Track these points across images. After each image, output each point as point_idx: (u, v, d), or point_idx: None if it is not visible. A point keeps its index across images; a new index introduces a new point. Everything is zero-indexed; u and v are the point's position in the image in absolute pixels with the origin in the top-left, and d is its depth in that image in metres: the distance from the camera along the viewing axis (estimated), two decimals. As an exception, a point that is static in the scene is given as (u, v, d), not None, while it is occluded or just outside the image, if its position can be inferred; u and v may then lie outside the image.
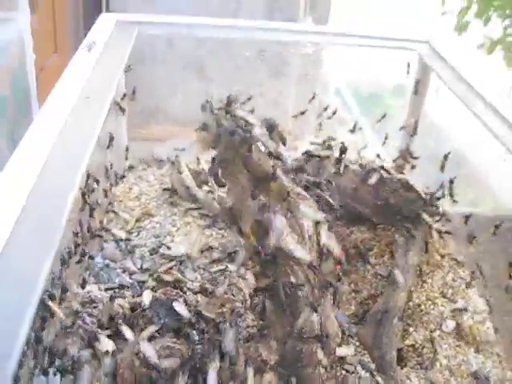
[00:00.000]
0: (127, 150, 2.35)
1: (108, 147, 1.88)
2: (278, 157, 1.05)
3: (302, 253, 1.13)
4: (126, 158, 2.35)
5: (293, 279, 1.15)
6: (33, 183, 1.27)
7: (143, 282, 1.66)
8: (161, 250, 1.82)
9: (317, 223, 1.17)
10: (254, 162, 1.05)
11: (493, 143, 1.81)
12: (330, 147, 1.74)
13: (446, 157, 1.99)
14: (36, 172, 1.30)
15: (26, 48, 1.96)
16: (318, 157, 1.64)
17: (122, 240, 1.88)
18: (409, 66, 2.21)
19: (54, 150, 1.37)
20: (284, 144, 1.09)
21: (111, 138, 1.87)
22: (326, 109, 2.36)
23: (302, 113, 2.23)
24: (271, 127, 1.15)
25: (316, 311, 1.12)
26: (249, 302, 1.39)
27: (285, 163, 1.07)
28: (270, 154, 1.06)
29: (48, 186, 1.30)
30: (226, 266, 1.60)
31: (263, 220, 1.08)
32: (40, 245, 1.19)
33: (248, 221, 1.14)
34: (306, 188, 1.12)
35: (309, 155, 1.66)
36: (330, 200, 1.10)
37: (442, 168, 2.00)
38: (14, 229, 1.16)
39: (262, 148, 1.04)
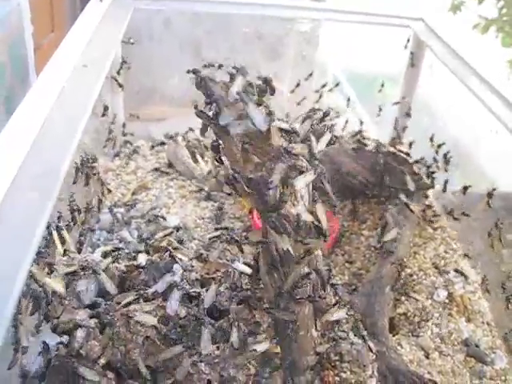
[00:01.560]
0: (124, 126, 2.36)
1: (103, 115, 1.88)
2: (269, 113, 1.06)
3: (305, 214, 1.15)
4: (124, 135, 2.36)
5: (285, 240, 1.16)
6: (29, 147, 1.29)
7: (139, 252, 1.68)
8: (156, 221, 1.84)
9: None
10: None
11: (487, 117, 1.83)
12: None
13: (439, 146, 2.02)
14: (32, 137, 1.31)
15: (25, 19, 1.98)
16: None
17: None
18: (408, 41, 2.22)
19: (50, 116, 1.38)
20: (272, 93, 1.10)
21: (105, 108, 1.88)
22: (324, 86, 2.38)
23: (298, 85, 2.25)
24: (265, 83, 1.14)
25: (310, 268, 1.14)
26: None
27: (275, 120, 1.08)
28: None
29: (44, 150, 1.31)
30: (221, 233, 1.61)
31: (257, 179, 1.10)
32: (34, 208, 1.20)
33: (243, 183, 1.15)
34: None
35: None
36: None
37: (437, 153, 2.03)
38: (9, 191, 1.17)
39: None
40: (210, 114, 1.09)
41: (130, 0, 2.14)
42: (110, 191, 2.00)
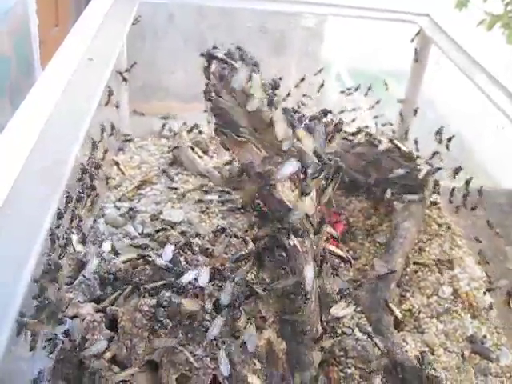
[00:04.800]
0: (118, 131, 2.32)
1: (106, 104, 1.86)
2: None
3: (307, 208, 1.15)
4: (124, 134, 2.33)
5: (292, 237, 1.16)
6: (35, 140, 1.28)
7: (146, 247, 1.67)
8: (161, 216, 1.84)
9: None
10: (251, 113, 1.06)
11: (493, 113, 1.82)
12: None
13: (450, 139, 1.99)
14: (38, 129, 1.31)
15: (30, 12, 1.97)
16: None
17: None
18: (418, 33, 2.20)
19: (56, 109, 1.38)
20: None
21: (110, 93, 1.85)
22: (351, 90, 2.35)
23: (302, 79, 2.24)
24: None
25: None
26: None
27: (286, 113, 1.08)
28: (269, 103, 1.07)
29: (50, 143, 1.31)
30: (225, 228, 1.61)
31: (265, 173, 1.09)
32: (40, 201, 1.20)
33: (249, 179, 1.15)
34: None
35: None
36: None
37: (447, 147, 2.01)
38: (16, 182, 1.17)
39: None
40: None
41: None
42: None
